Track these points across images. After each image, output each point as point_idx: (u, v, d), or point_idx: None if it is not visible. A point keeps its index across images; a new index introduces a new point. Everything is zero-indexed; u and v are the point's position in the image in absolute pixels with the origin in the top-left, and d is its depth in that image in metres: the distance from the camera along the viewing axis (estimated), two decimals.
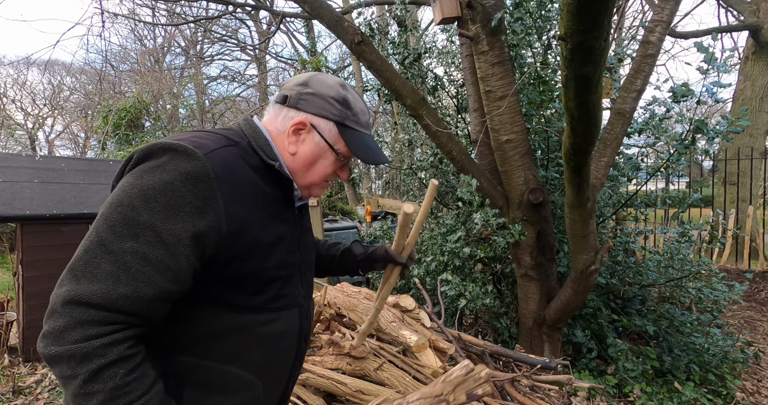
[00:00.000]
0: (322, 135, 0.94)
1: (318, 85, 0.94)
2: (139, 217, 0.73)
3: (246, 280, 0.86)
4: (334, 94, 0.94)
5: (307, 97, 0.93)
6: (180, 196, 0.75)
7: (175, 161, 0.76)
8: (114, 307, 0.70)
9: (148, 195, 0.74)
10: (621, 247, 3.41)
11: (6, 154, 4.35)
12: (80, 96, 16.05)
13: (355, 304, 2.39)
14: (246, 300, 0.87)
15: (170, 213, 0.74)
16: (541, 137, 3.29)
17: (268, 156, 0.91)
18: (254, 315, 0.88)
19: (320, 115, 0.93)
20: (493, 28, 2.66)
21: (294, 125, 0.93)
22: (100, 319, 0.70)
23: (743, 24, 7.88)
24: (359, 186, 11.26)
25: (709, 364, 3.02)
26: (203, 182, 0.77)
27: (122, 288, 0.71)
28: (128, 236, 0.72)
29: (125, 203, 0.74)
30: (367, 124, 1.00)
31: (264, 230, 0.87)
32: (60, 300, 0.70)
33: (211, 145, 0.82)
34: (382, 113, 15.48)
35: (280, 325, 0.93)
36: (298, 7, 5.81)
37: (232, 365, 0.87)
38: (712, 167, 8.65)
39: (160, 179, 0.75)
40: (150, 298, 0.73)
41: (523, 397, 2.03)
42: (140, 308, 0.73)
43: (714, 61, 2.48)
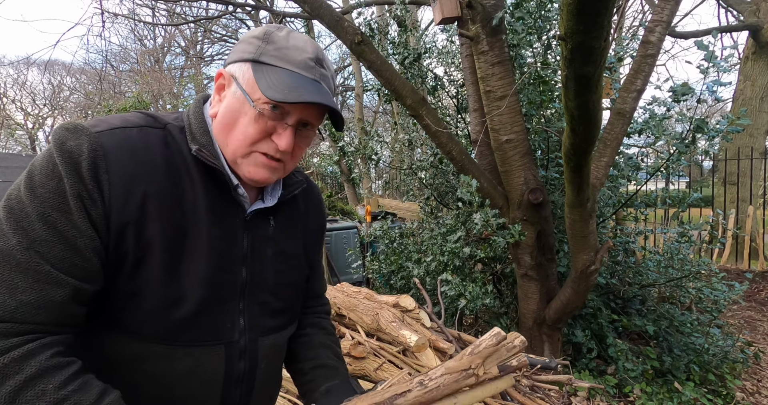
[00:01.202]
0: (239, 83, 0.73)
1: (246, 36, 0.76)
2: (25, 207, 0.61)
3: (139, 294, 0.67)
4: (256, 33, 0.75)
5: (233, 48, 0.77)
6: (66, 179, 0.62)
7: (60, 140, 0.64)
8: (17, 319, 0.59)
9: (33, 181, 0.62)
10: (621, 247, 3.41)
11: (6, 154, 4.35)
12: (80, 96, 16.06)
13: (355, 304, 2.39)
14: (137, 323, 0.68)
15: (60, 200, 0.62)
16: (541, 137, 3.29)
17: (194, 139, 0.73)
18: (149, 345, 0.69)
19: (237, 59, 0.74)
20: (493, 28, 2.66)
21: (216, 81, 0.76)
22: (4, 332, 0.58)
23: (743, 24, 7.88)
24: (359, 186, 11.26)
25: (709, 364, 3.02)
26: (85, 161, 0.63)
27: (21, 294, 0.59)
28: (15, 232, 0.60)
29: (12, 196, 0.63)
30: (304, 63, 0.74)
31: (173, 231, 0.69)
32: None
33: (116, 123, 0.69)
34: (382, 113, 15.49)
35: (184, 365, 0.72)
36: (298, 7, 5.81)
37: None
38: (712, 167, 8.65)
39: (46, 162, 0.63)
40: (59, 300, 0.61)
41: (523, 397, 2.03)
42: (50, 315, 0.61)
43: (714, 59, 2.48)
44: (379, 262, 3.93)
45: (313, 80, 0.74)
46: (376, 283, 4.11)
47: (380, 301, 2.34)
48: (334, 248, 5.72)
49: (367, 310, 2.29)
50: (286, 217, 0.88)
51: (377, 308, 2.25)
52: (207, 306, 0.72)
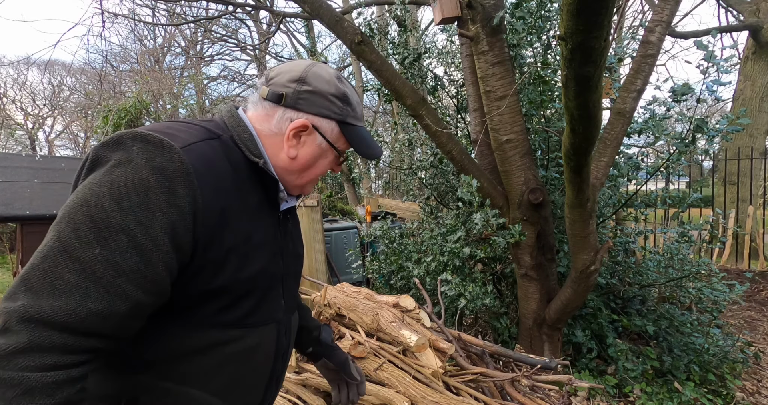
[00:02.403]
0: (324, 136, 0.87)
1: (316, 82, 0.85)
2: (109, 218, 0.63)
3: (220, 292, 0.75)
4: (334, 91, 0.86)
5: (306, 96, 0.84)
6: (155, 195, 0.65)
7: (148, 154, 0.67)
8: (82, 328, 0.59)
9: (119, 193, 0.64)
10: (621, 247, 3.41)
11: (6, 154, 4.35)
12: (80, 96, 16.05)
13: (355, 304, 2.39)
14: (217, 314, 0.77)
15: (145, 214, 0.64)
16: (541, 137, 3.29)
17: (253, 153, 0.81)
18: (225, 331, 0.78)
19: (322, 115, 0.85)
20: (493, 28, 2.66)
21: (295, 129, 0.84)
22: (63, 345, 0.58)
23: (743, 24, 7.88)
24: (359, 186, 11.26)
25: (709, 364, 3.02)
26: (180, 179, 0.67)
27: (92, 303, 0.60)
28: (96, 241, 0.61)
29: (92, 203, 0.63)
30: (362, 115, 0.94)
31: (243, 236, 0.77)
32: (18, 316, 0.57)
33: (188, 138, 0.73)
34: (382, 113, 15.49)
35: (252, 342, 0.82)
36: (298, 7, 5.81)
37: (194, 387, 0.77)
38: (712, 167, 8.65)
39: (132, 175, 0.65)
40: (124, 313, 0.63)
41: (523, 397, 2.03)
42: (112, 327, 0.62)
43: (714, 59, 2.48)
44: (379, 262, 3.93)
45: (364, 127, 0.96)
46: (376, 283, 4.11)
47: (380, 301, 2.34)
48: (334, 248, 5.71)
49: (367, 310, 2.28)
50: (293, 215, 1.00)
51: (377, 308, 2.25)
52: (266, 293, 0.85)
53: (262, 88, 0.86)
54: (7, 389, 0.55)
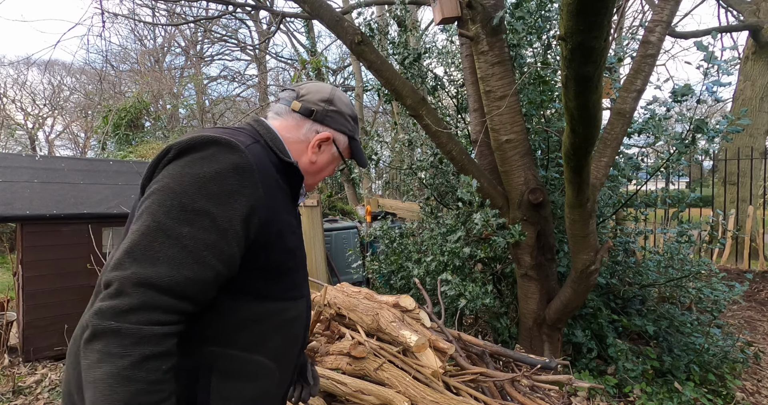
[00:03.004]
0: (338, 147, 1.09)
1: (340, 104, 1.08)
2: (194, 203, 0.77)
3: (269, 269, 0.90)
4: (350, 113, 1.10)
5: (332, 115, 1.06)
6: (230, 185, 0.80)
7: (222, 153, 0.81)
8: (178, 291, 0.73)
9: (201, 183, 0.78)
10: (621, 247, 3.41)
11: (6, 154, 4.35)
12: (80, 96, 16.04)
13: (355, 304, 2.39)
14: (268, 289, 0.91)
15: (222, 200, 0.79)
16: (541, 137, 3.29)
17: (286, 155, 0.98)
18: (274, 303, 0.93)
19: (340, 130, 1.08)
20: (493, 28, 2.66)
21: (320, 139, 1.04)
22: (167, 305, 0.72)
23: (743, 24, 7.88)
24: (359, 186, 11.26)
25: (709, 364, 3.02)
26: (248, 173, 0.82)
27: (186, 271, 0.74)
28: (185, 221, 0.76)
29: (178, 191, 0.77)
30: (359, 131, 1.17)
31: (284, 223, 0.92)
32: (130, 281, 0.70)
33: (245, 141, 0.89)
34: (382, 113, 15.49)
35: (293, 313, 0.99)
36: (298, 7, 5.81)
37: (255, 353, 0.90)
38: (712, 167, 8.65)
39: (210, 168, 0.79)
40: (209, 280, 0.77)
41: (523, 397, 2.03)
42: (199, 292, 0.76)
43: (714, 59, 2.48)
44: (379, 262, 3.93)
45: None
46: (376, 283, 4.11)
47: (380, 301, 2.34)
48: (334, 248, 5.71)
49: (367, 310, 2.28)
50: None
51: (377, 308, 2.25)
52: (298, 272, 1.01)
53: (294, 102, 1.04)
54: (124, 338, 0.68)
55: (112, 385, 0.67)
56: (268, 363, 0.93)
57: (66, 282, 3.75)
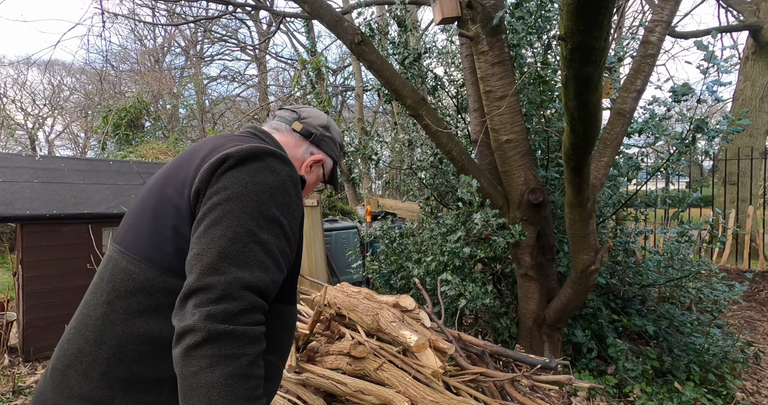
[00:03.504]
0: (324, 169, 1.16)
1: (334, 132, 1.18)
2: (269, 211, 0.81)
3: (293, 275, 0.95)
4: (340, 141, 1.21)
5: (327, 140, 1.15)
6: (290, 196, 0.85)
7: (279, 165, 0.86)
8: (269, 293, 0.78)
9: (271, 192, 0.82)
10: (621, 247, 3.41)
11: (6, 154, 4.35)
12: (80, 96, 16.04)
13: (355, 304, 2.39)
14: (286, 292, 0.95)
15: (288, 210, 0.84)
16: (541, 137, 3.29)
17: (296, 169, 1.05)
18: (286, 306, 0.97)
19: (330, 155, 1.17)
20: (493, 28, 2.66)
21: (314, 160, 1.12)
22: (263, 306, 0.76)
23: (743, 24, 7.88)
24: (359, 186, 11.26)
25: (709, 364, 3.02)
26: (297, 185, 0.89)
27: (272, 275, 0.78)
28: (265, 229, 0.79)
29: (254, 199, 0.80)
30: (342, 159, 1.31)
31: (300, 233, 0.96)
32: (237, 285, 0.73)
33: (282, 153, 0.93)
34: (382, 113, 15.48)
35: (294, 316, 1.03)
36: (298, 7, 5.81)
37: (273, 355, 0.93)
38: (712, 167, 8.65)
39: (275, 180, 0.84)
40: (279, 284, 0.82)
41: (523, 397, 2.03)
42: (274, 294, 0.81)
43: (714, 59, 2.48)
44: (379, 262, 3.93)
45: None
46: (376, 283, 4.11)
47: (380, 301, 2.33)
48: (334, 248, 5.71)
49: (367, 310, 2.28)
50: None
51: (377, 308, 2.24)
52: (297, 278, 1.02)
53: (296, 123, 1.12)
54: (240, 339, 0.71)
55: (231, 385, 0.68)
56: (280, 364, 0.98)
57: (66, 282, 3.75)
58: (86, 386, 0.82)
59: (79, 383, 0.82)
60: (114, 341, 0.82)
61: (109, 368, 0.82)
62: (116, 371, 0.82)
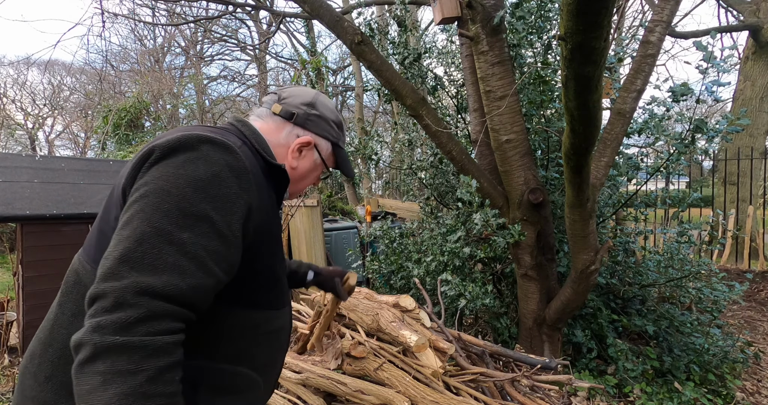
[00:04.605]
0: (320, 153, 1.04)
1: (323, 109, 1.04)
2: (193, 207, 0.71)
3: (260, 276, 0.87)
4: (334, 118, 1.05)
5: (314, 119, 1.02)
6: (227, 188, 0.75)
7: (216, 153, 0.76)
8: (184, 300, 0.68)
9: (198, 185, 0.73)
10: (621, 247, 3.41)
11: (6, 154, 4.35)
12: (80, 96, 16.04)
13: (355, 304, 2.39)
14: (256, 296, 0.87)
15: (221, 204, 0.74)
16: (541, 137, 3.29)
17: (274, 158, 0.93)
18: (261, 312, 0.89)
19: (323, 136, 1.03)
20: (493, 28, 2.65)
21: (300, 143, 1.00)
22: (172, 313, 0.67)
23: (743, 24, 7.88)
24: (359, 186, 11.26)
25: (709, 364, 3.02)
26: (243, 175, 0.78)
27: (190, 279, 0.69)
28: (185, 226, 0.70)
29: (174, 193, 0.71)
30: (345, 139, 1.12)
31: (270, 228, 0.89)
32: (131, 291, 0.64)
33: (236, 141, 0.85)
34: (382, 113, 15.48)
35: (280, 322, 0.95)
36: (298, 7, 5.81)
37: (242, 365, 0.86)
38: (712, 167, 8.64)
39: (207, 170, 0.74)
40: (210, 288, 0.73)
41: (523, 397, 2.03)
42: (201, 300, 0.72)
43: (713, 59, 2.48)
44: (379, 262, 3.93)
45: None
46: (376, 283, 4.11)
47: (380, 301, 2.33)
48: (334, 248, 5.71)
49: (367, 310, 2.28)
50: None
51: (377, 308, 2.25)
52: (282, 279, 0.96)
53: (275, 105, 1.00)
54: (134, 352, 0.63)
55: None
56: (254, 375, 0.89)
57: None
58: (35, 389, 0.80)
59: (30, 385, 0.81)
60: (60, 344, 0.79)
61: (54, 372, 0.79)
62: (60, 375, 0.78)
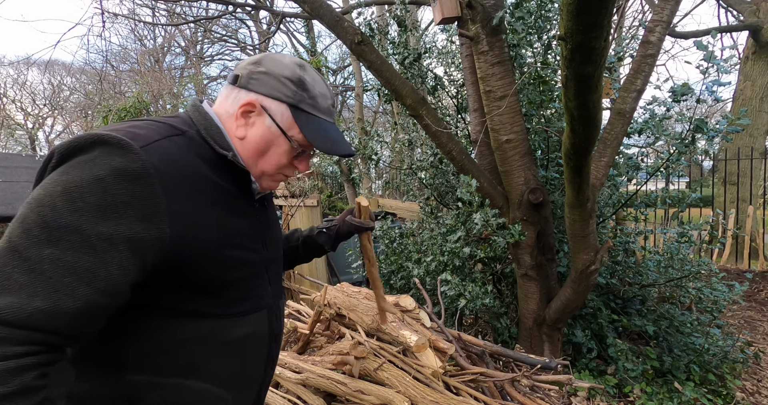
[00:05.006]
0: (274, 119, 0.84)
1: (271, 64, 0.85)
2: (61, 218, 0.62)
3: (203, 285, 0.78)
4: (288, 74, 0.84)
5: (258, 76, 0.84)
6: (113, 196, 0.65)
7: (107, 155, 0.66)
8: (29, 324, 0.60)
9: (73, 193, 0.63)
10: (621, 247, 3.41)
11: (6, 154, 4.35)
12: (80, 96, 16.04)
13: (355, 304, 2.39)
14: (205, 306, 0.79)
15: (100, 214, 0.64)
16: (541, 137, 3.29)
17: (220, 145, 0.82)
18: (217, 321, 0.81)
19: (272, 96, 0.84)
20: (493, 28, 2.66)
21: (242, 106, 0.83)
22: (13, 337, 0.59)
23: (743, 24, 7.88)
24: (359, 186, 11.25)
25: (709, 364, 3.02)
26: (141, 179, 0.67)
27: (38, 301, 0.60)
28: (47, 241, 0.61)
29: (46, 203, 0.63)
30: (328, 110, 0.90)
31: (218, 228, 0.78)
32: None
33: (151, 136, 0.73)
34: (382, 113, 15.48)
35: (245, 330, 0.85)
36: (298, 7, 5.81)
37: (194, 379, 0.79)
38: (712, 167, 8.65)
39: (89, 175, 0.64)
40: (72, 312, 0.62)
41: (523, 397, 2.03)
42: (60, 324, 0.62)
43: (713, 59, 2.48)
44: (379, 262, 3.93)
45: (333, 123, 0.91)
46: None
47: None
48: None
49: (367, 310, 2.29)
50: (269, 201, 1.03)
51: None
52: (249, 282, 0.86)
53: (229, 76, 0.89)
54: None
55: None
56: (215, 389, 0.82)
57: None
58: None
59: None
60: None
61: None
62: None
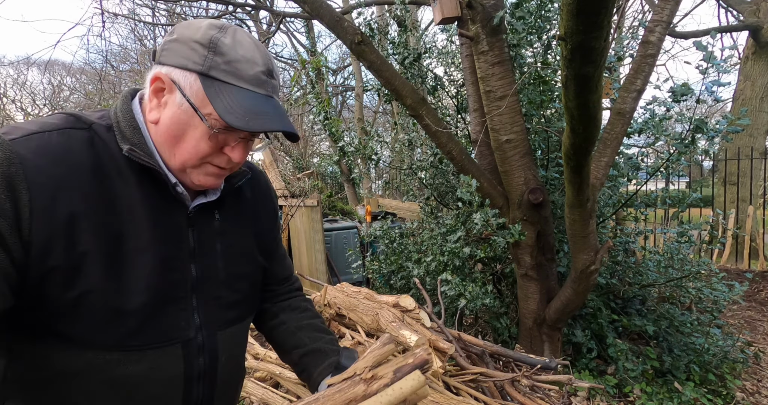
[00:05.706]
0: (184, 93, 0.68)
1: (183, 30, 0.70)
2: None
3: (80, 307, 0.64)
4: (198, 38, 0.68)
5: (168, 46, 0.69)
6: None
7: None
8: None
9: None
10: (621, 247, 3.41)
11: None
12: (80, 96, 16.05)
13: (355, 304, 2.39)
14: (87, 333, 0.65)
15: None
16: (541, 137, 3.29)
17: (125, 138, 0.69)
18: (102, 353, 0.67)
19: (179, 65, 0.68)
20: (493, 28, 2.66)
21: (152, 83, 0.70)
22: None
23: (743, 24, 7.88)
24: (359, 186, 11.25)
25: (709, 364, 3.02)
26: (10, 178, 0.58)
27: None
28: None
29: None
30: (256, 78, 0.70)
31: (108, 238, 0.66)
32: None
33: (30, 128, 0.64)
34: (382, 113, 15.49)
35: (141, 367, 0.70)
36: (298, 7, 5.81)
37: None
38: (712, 167, 8.65)
39: None
40: None
41: (523, 397, 2.03)
42: None
43: (713, 59, 2.48)
44: (379, 262, 3.93)
45: (267, 96, 0.71)
46: (376, 283, 4.11)
47: (380, 301, 2.34)
48: (334, 248, 5.71)
49: (367, 310, 2.29)
50: (233, 209, 0.86)
51: (377, 308, 2.25)
52: (157, 308, 0.70)
53: None
54: None
55: None
56: None
57: None
58: None
59: None
60: None
61: None
62: None
